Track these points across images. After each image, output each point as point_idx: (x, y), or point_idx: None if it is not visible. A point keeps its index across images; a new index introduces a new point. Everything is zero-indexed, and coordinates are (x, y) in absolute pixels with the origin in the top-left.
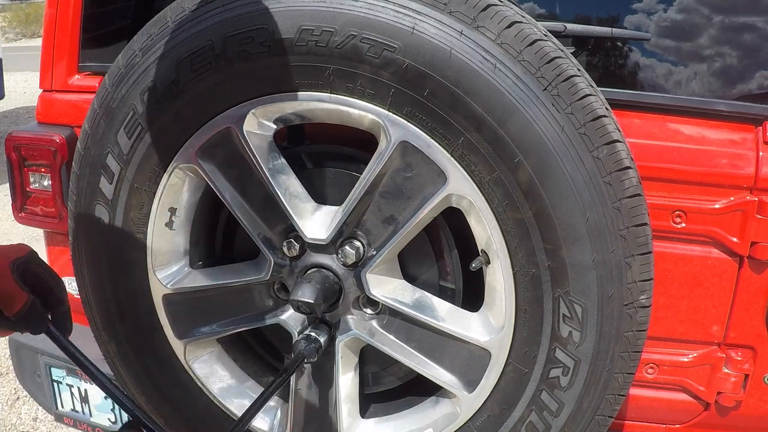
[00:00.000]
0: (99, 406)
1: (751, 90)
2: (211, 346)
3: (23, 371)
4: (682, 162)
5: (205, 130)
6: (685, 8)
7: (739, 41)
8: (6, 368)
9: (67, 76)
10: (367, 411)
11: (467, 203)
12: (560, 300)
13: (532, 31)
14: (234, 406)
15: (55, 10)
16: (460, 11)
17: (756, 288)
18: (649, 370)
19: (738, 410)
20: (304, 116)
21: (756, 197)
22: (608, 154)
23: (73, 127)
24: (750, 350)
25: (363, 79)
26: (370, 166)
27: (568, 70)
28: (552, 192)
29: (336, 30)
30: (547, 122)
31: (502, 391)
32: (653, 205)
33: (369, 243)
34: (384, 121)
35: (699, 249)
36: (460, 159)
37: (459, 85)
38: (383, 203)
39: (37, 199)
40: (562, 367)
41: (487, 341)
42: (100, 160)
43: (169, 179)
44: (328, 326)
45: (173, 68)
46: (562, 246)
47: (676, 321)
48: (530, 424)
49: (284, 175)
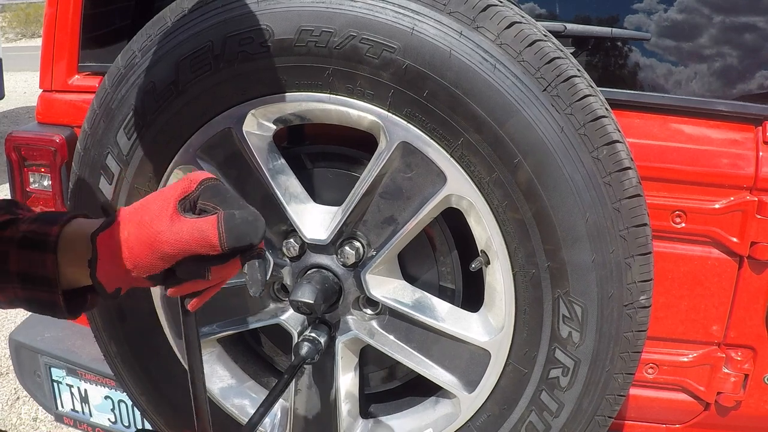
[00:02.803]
0: (99, 406)
1: (751, 90)
2: (212, 346)
3: (23, 371)
4: (682, 162)
5: (204, 131)
6: (685, 8)
7: (739, 41)
8: (6, 368)
9: (67, 76)
10: (367, 411)
11: (467, 204)
12: (560, 300)
13: (531, 31)
14: (234, 407)
15: (55, 10)
16: (459, 12)
17: (756, 288)
18: (649, 370)
19: (738, 410)
20: (304, 117)
21: (756, 197)
22: (608, 155)
23: (72, 127)
24: (750, 350)
25: (362, 80)
26: (370, 167)
27: (567, 70)
28: (551, 193)
29: (335, 30)
30: (547, 123)
31: (501, 392)
32: (653, 205)
33: (369, 243)
34: (383, 122)
35: (699, 249)
36: (459, 159)
37: (458, 86)
38: (383, 204)
39: (37, 199)
40: (562, 368)
41: (487, 342)
42: (100, 160)
43: (169, 180)
44: (328, 326)
45: (172, 69)
46: (562, 246)
47: (676, 321)
48: (530, 424)
49: (284, 175)
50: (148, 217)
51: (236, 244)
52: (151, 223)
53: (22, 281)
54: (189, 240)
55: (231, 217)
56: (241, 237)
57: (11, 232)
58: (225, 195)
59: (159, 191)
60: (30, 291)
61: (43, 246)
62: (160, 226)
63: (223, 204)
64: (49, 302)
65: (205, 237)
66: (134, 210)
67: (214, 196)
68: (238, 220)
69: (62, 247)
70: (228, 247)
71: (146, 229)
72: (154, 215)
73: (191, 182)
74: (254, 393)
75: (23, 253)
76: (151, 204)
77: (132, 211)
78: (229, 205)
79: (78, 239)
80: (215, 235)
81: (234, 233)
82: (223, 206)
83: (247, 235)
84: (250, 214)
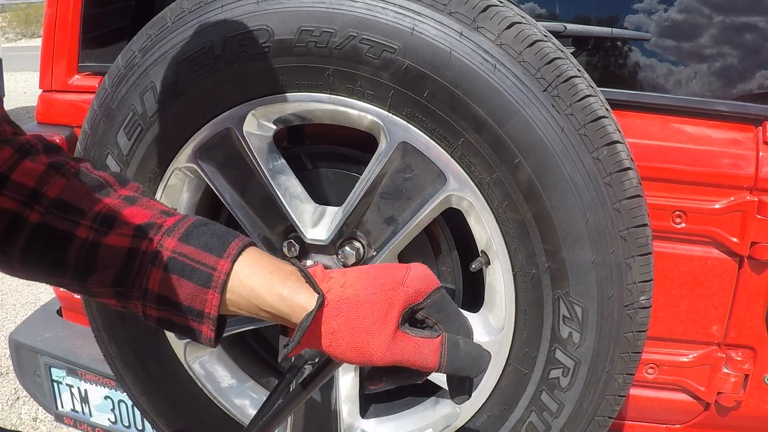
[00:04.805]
0: (99, 406)
1: (751, 90)
2: None
3: (23, 371)
4: (682, 162)
5: (204, 131)
6: (685, 8)
7: (739, 41)
8: (6, 368)
9: (67, 76)
10: (367, 411)
11: (467, 204)
12: (560, 301)
13: (532, 31)
14: (234, 407)
15: (55, 10)
16: (460, 12)
17: (756, 288)
18: (649, 371)
19: (738, 410)
20: (304, 117)
21: (756, 197)
22: (608, 155)
23: (72, 127)
24: (750, 350)
25: (363, 80)
26: (370, 167)
27: (568, 70)
28: (552, 193)
29: (335, 31)
30: (547, 123)
31: (501, 392)
32: (653, 206)
33: (369, 244)
34: (384, 122)
35: (699, 249)
36: (459, 160)
37: (459, 86)
38: (383, 204)
39: None
40: (562, 368)
41: (487, 342)
42: (100, 160)
43: (169, 180)
44: None
45: (173, 69)
46: (562, 247)
47: (676, 321)
48: (530, 424)
49: (284, 175)
50: (366, 323)
51: (456, 372)
52: (369, 334)
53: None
54: (404, 359)
55: (455, 348)
56: (461, 370)
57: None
58: (449, 310)
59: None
60: (169, 313)
61: (206, 282)
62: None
63: (446, 321)
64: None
65: (424, 360)
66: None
67: (438, 312)
68: (463, 353)
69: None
70: (445, 371)
71: (360, 337)
72: (373, 325)
73: (419, 293)
74: (254, 393)
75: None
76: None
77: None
78: (452, 323)
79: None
80: (435, 361)
81: (456, 365)
82: (445, 323)
83: (468, 369)
84: (475, 350)
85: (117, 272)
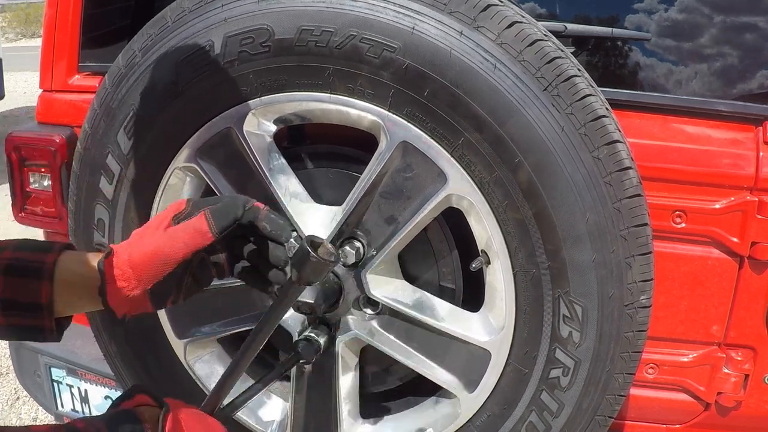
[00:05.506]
0: (99, 406)
1: (751, 90)
2: (212, 346)
3: (23, 371)
4: (682, 162)
5: (205, 131)
6: (686, 8)
7: (739, 41)
8: (6, 368)
9: (67, 76)
10: (367, 411)
11: (467, 203)
12: (560, 300)
13: (532, 31)
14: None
15: (55, 10)
16: (460, 11)
17: (756, 288)
18: (650, 370)
19: (738, 410)
20: (304, 116)
21: (756, 197)
22: (608, 155)
23: (73, 127)
24: (750, 350)
25: (363, 80)
26: (370, 167)
27: (568, 70)
28: (552, 192)
29: (336, 30)
30: (548, 122)
31: (502, 392)
32: (653, 205)
33: (369, 243)
34: (384, 122)
35: (699, 249)
36: (460, 159)
37: (459, 86)
38: (383, 203)
39: (37, 199)
40: (562, 368)
41: (487, 341)
42: (100, 160)
43: (169, 179)
44: (328, 326)
45: (173, 69)
46: (563, 246)
47: (677, 321)
48: (530, 424)
49: (284, 175)
50: (148, 233)
51: (224, 223)
52: (151, 237)
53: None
54: (184, 237)
55: (214, 206)
56: (225, 215)
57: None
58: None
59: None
60: (12, 318)
61: (38, 274)
62: (158, 238)
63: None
64: (35, 327)
65: (198, 229)
66: (133, 235)
67: (202, 205)
68: (219, 204)
69: (59, 276)
70: (218, 229)
71: (146, 243)
72: (152, 231)
73: (181, 203)
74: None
75: (11, 280)
76: (147, 226)
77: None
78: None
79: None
80: (204, 224)
81: (217, 215)
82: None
83: (228, 212)
84: (228, 197)
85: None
